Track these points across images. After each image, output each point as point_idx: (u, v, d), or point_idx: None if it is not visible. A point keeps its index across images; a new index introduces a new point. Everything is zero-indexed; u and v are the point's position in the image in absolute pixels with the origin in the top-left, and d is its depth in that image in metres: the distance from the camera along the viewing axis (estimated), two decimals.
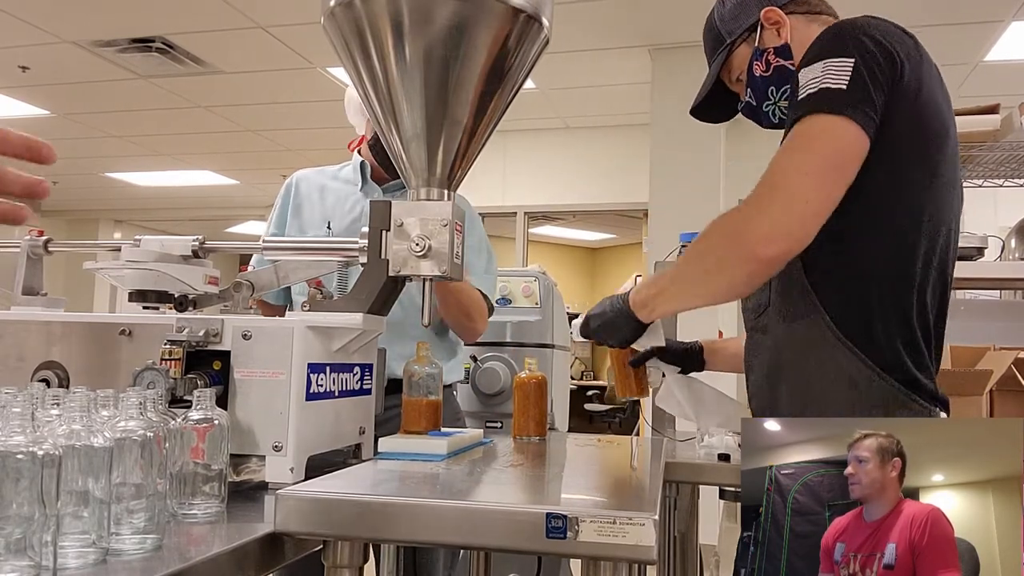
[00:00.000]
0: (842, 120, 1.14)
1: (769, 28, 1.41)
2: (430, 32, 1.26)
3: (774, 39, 1.40)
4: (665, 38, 4.81)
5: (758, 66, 1.41)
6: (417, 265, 1.31)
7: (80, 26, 4.65)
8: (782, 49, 1.38)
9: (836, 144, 1.14)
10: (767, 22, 1.41)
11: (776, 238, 1.13)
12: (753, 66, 1.42)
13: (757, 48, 1.41)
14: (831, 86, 1.15)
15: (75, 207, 10.36)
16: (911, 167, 1.22)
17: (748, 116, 1.49)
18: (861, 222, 1.21)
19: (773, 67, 1.39)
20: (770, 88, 1.41)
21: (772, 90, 1.41)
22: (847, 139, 1.14)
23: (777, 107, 1.42)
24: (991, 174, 2.61)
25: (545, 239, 9.81)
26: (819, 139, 1.15)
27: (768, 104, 1.43)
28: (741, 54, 1.45)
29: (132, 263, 1.36)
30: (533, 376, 1.67)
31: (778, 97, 1.41)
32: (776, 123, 1.44)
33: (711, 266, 1.23)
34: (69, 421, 0.78)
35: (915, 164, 1.22)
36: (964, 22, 4.32)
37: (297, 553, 0.99)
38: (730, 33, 1.45)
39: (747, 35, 1.43)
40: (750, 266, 1.16)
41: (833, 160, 1.14)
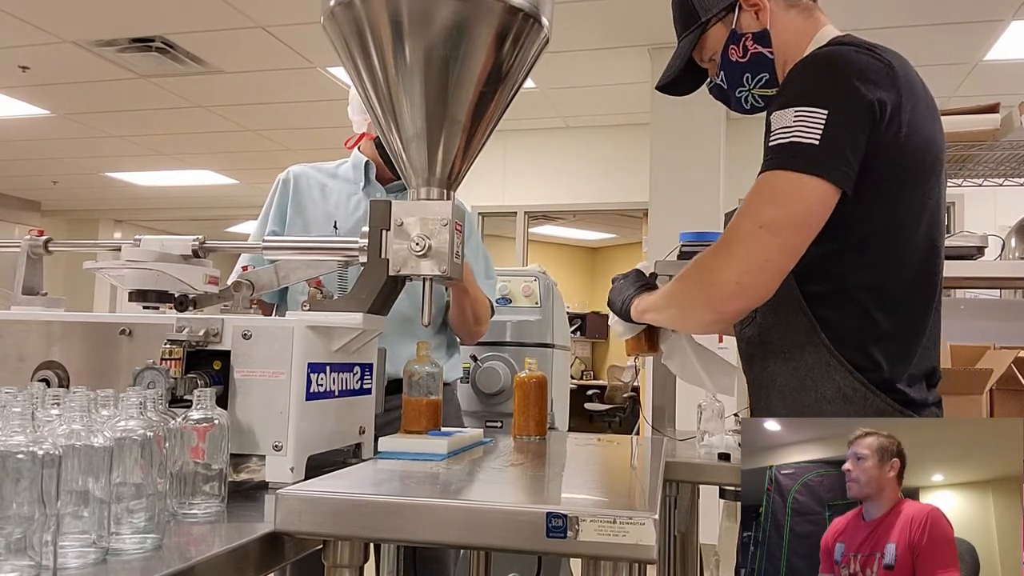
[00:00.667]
0: (811, 179, 1.13)
1: (747, 10, 1.34)
2: (430, 32, 1.26)
3: (752, 23, 1.34)
4: (665, 38, 4.80)
5: (734, 50, 1.36)
6: (417, 265, 1.31)
7: (80, 26, 4.65)
8: (761, 35, 1.33)
9: (803, 204, 1.14)
10: (746, 3, 1.34)
11: (735, 297, 1.17)
12: (729, 49, 1.36)
13: (734, 31, 1.36)
14: (802, 141, 1.13)
15: (75, 207, 10.37)
16: (904, 199, 1.21)
17: (716, 97, 1.44)
18: (855, 246, 1.20)
19: (750, 53, 1.34)
20: (745, 75, 1.37)
21: (747, 77, 1.37)
22: (814, 198, 1.13)
23: (751, 94, 1.38)
24: (991, 173, 2.61)
25: (545, 239, 9.81)
26: (787, 196, 1.14)
27: (742, 90, 1.39)
28: (715, 34, 1.38)
29: (132, 263, 1.36)
30: (533, 376, 1.67)
31: (753, 84, 1.37)
32: (748, 110, 1.41)
33: (684, 306, 1.33)
34: (69, 421, 0.78)
35: (907, 196, 1.21)
36: (964, 22, 4.32)
37: (297, 553, 0.99)
38: (706, 11, 1.38)
39: (724, 15, 1.36)
40: (713, 315, 1.23)
41: (800, 219, 1.14)
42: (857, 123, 1.14)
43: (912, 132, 1.19)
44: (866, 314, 1.21)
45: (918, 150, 1.21)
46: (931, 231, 1.25)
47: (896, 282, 1.22)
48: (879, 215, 1.20)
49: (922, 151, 1.22)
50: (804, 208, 1.14)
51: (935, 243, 1.27)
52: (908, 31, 4.42)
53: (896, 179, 1.19)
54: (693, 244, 2.17)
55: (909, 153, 1.20)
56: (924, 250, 1.24)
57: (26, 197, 9.95)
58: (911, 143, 1.19)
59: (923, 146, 1.22)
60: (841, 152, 1.13)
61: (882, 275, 1.21)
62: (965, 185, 2.68)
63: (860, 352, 1.20)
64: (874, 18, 4.26)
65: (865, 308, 1.21)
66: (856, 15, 4.21)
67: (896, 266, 1.22)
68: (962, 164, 2.53)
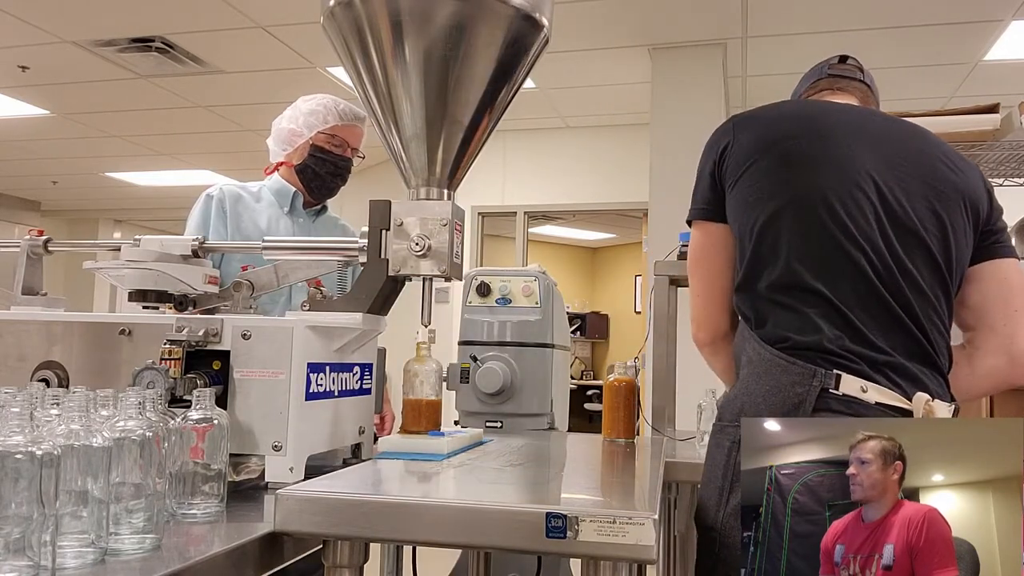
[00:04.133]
0: (692, 227, 1.45)
1: None
2: (430, 32, 1.26)
3: None
4: (665, 38, 4.81)
5: None
6: (417, 264, 1.31)
7: (80, 26, 4.65)
8: None
9: (692, 246, 1.45)
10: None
11: (696, 330, 1.45)
12: None
13: None
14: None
15: (75, 207, 10.37)
16: (747, 197, 1.35)
17: None
18: (744, 238, 1.35)
19: None
20: None
21: None
22: (696, 239, 1.44)
23: None
24: (991, 173, 2.61)
25: (545, 239, 9.81)
26: (690, 245, 1.47)
27: None
28: None
29: (132, 263, 1.36)
30: (623, 379, 1.74)
31: None
32: None
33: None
34: (68, 421, 0.78)
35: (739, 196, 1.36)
36: (964, 22, 4.32)
37: (297, 553, 0.99)
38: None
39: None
40: (699, 349, 1.48)
41: (694, 257, 1.44)
42: (707, 169, 1.44)
43: (748, 146, 1.36)
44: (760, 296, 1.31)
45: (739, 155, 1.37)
46: (800, 197, 1.30)
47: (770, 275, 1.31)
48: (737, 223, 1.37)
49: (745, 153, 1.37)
50: (692, 250, 1.45)
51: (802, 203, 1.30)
52: (909, 31, 4.42)
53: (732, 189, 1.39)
54: None
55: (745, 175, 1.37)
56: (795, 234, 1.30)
57: (26, 197, 9.95)
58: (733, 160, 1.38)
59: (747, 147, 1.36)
60: (699, 195, 1.44)
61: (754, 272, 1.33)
62: None
63: (763, 326, 1.29)
64: (874, 18, 4.26)
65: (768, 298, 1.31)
66: (857, 15, 4.21)
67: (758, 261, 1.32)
68: None
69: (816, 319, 1.24)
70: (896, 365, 1.23)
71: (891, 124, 1.38)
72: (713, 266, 1.41)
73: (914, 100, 5.34)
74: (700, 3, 4.31)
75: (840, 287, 1.25)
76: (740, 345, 1.35)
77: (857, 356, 1.22)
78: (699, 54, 4.84)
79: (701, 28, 4.62)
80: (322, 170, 2.13)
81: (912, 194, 1.29)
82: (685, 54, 4.85)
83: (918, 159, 1.33)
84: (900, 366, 1.23)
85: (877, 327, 1.24)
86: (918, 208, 1.29)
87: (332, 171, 2.14)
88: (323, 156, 2.13)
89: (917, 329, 1.25)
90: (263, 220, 2.12)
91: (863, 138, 1.33)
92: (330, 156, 2.13)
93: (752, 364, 1.28)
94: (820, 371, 1.20)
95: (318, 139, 2.13)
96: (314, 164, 2.13)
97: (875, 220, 1.27)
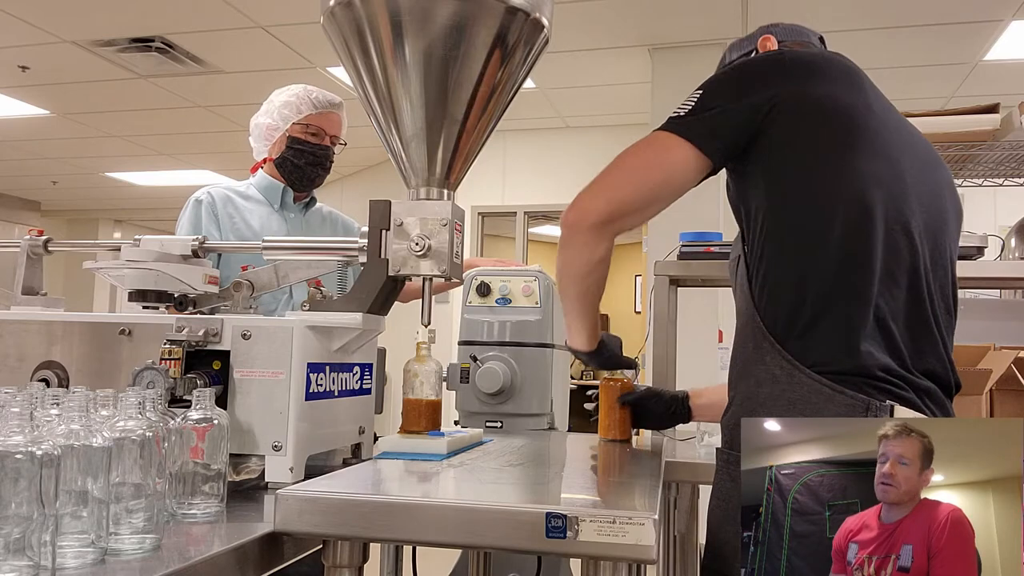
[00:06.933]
0: (666, 134, 1.24)
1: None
2: (430, 32, 1.26)
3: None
4: (664, 38, 4.81)
5: None
6: (417, 264, 1.31)
7: (80, 26, 4.65)
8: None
9: (659, 154, 1.24)
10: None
11: (592, 200, 1.26)
12: None
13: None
14: (677, 114, 1.25)
15: (75, 207, 10.36)
16: (814, 168, 1.19)
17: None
18: (781, 226, 1.20)
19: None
20: None
21: None
22: (672, 157, 1.23)
23: None
24: (991, 173, 2.61)
25: (545, 239, 9.80)
26: (645, 143, 1.26)
27: None
28: None
29: (132, 263, 1.36)
30: (618, 379, 1.72)
31: None
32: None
33: (561, 262, 1.34)
34: (68, 421, 0.78)
35: (819, 163, 1.19)
36: (964, 22, 4.32)
37: (297, 553, 0.99)
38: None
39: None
40: (575, 227, 1.27)
41: (654, 162, 1.25)
42: (726, 96, 1.25)
43: (815, 99, 1.21)
44: (795, 303, 1.17)
45: (825, 112, 1.21)
46: (865, 198, 1.18)
47: (815, 271, 1.17)
48: (793, 190, 1.21)
49: (830, 116, 1.21)
50: (654, 152, 1.27)
51: (866, 228, 1.18)
52: (909, 31, 4.42)
53: (798, 146, 1.21)
54: (693, 244, 2.16)
55: (811, 118, 1.21)
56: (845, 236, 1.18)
57: (26, 197, 9.94)
58: (815, 110, 1.21)
59: (832, 111, 1.21)
60: (700, 116, 1.24)
61: (802, 250, 1.18)
62: (965, 185, 2.67)
63: (792, 338, 1.16)
64: (874, 18, 4.26)
65: (793, 297, 1.17)
66: (857, 15, 4.21)
67: (819, 238, 1.17)
68: (962, 164, 2.53)
69: (863, 338, 1.13)
70: (931, 391, 1.16)
71: (914, 130, 1.33)
72: (668, 187, 1.24)
73: (914, 100, 5.34)
74: (700, 3, 4.31)
75: (895, 302, 1.15)
76: (752, 356, 1.21)
77: (905, 383, 1.14)
78: (699, 54, 4.83)
79: (701, 28, 4.62)
80: (301, 161, 2.12)
81: (936, 213, 1.26)
82: (685, 54, 4.85)
83: (938, 174, 1.31)
84: (934, 392, 1.17)
85: (916, 350, 1.16)
86: (951, 232, 1.28)
87: (311, 161, 2.13)
88: (300, 147, 2.11)
89: (945, 353, 1.20)
90: (255, 219, 2.12)
91: (903, 145, 1.26)
92: (307, 146, 2.12)
93: (778, 384, 1.15)
94: (874, 403, 1.10)
95: (294, 130, 2.12)
96: (292, 156, 2.12)
97: (918, 235, 1.20)
